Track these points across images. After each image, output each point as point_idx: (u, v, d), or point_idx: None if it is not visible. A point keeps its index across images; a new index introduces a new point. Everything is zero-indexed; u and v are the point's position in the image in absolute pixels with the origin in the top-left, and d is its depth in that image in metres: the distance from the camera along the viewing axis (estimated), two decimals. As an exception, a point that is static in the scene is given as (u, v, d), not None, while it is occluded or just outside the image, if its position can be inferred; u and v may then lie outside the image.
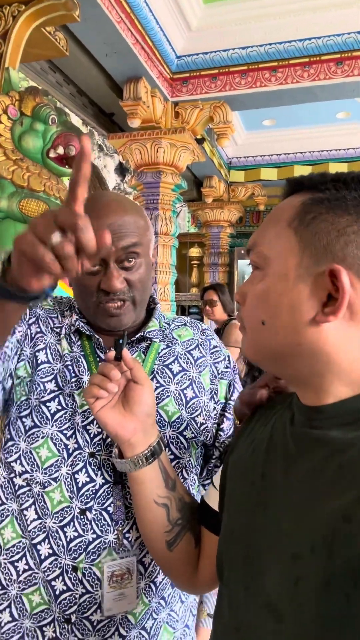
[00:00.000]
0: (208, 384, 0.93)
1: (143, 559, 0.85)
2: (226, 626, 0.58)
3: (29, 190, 1.97)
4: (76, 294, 0.90)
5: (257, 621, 0.52)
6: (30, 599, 0.84)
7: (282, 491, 0.56)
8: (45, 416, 0.86)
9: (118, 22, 2.71)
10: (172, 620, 0.90)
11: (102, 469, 0.84)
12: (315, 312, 0.54)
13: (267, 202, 6.05)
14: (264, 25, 3.28)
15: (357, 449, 0.50)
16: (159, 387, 0.89)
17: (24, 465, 0.86)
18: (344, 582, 0.43)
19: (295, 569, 0.48)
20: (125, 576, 0.82)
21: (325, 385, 0.56)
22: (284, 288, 0.56)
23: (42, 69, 3.04)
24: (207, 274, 6.30)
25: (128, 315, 0.87)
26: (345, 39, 3.16)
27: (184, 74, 3.58)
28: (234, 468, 0.69)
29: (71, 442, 0.85)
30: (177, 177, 3.84)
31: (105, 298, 0.85)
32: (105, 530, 0.82)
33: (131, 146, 3.69)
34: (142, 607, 0.85)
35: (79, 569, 0.81)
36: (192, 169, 5.20)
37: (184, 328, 0.98)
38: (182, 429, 0.88)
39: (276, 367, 0.62)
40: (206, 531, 0.77)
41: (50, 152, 2.01)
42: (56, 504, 0.83)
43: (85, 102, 3.58)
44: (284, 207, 0.59)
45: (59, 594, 0.82)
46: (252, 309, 0.60)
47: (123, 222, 0.84)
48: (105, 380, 0.72)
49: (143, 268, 0.88)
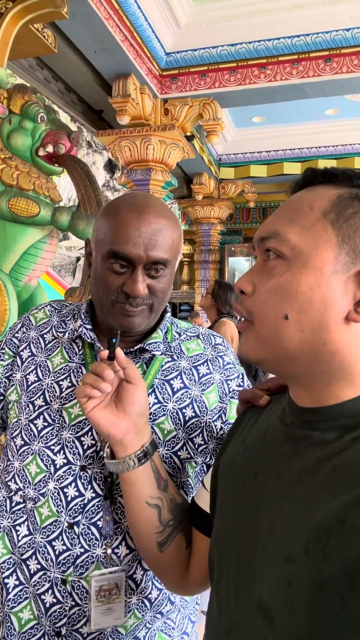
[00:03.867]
0: (214, 403, 0.89)
1: (134, 575, 0.83)
2: (217, 627, 0.58)
3: (18, 189, 1.96)
4: (94, 289, 0.87)
5: (249, 623, 0.51)
6: (19, 617, 0.84)
7: (275, 492, 0.55)
8: (33, 433, 0.86)
9: (106, 19, 2.70)
10: (167, 627, 0.89)
11: (92, 482, 0.83)
12: (348, 311, 0.52)
13: (257, 199, 6.06)
14: (252, 22, 3.28)
15: (352, 451, 0.49)
16: (156, 403, 0.86)
17: (18, 483, 0.86)
18: (338, 584, 0.43)
19: (288, 571, 0.48)
20: (113, 591, 0.81)
21: (332, 386, 0.55)
22: (318, 282, 0.52)
23: (30, 65, 3.02)
24: (198, 271, 6.31)
25: (142, 318, 0.85)
26: (334, 36, 3.18)
27: (173, 71, 3.57)
28: (226, 468, 0.68)
29: (59, 457, 0.84)
30: (167, 174, 3.84)
31: (125, 300, 0.83)
32: (93, 544, 0.81)
33: (120, 143, 3.68)
34: (134, 620, 0.84)
35: (68, 582, 0.81)
36: (182, 166, 5.20)
37: (194, 341, 0.94)
38: (177, 448, 0.86)
39: (284, 368, 0.58)
40: (197, 532, 0.76)
41: (40, 151, 2.00)
42: (44, 519, 0.83)
43: (74, 98, 3.56)
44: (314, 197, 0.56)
45: (49, 607, 0.81)
46: (271, 302, 0.55)
47: (161, 231, 0.82)
48: (98, 380, 0.71)
49: (167, 278, 0.86)
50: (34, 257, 2.12)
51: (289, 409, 0.61)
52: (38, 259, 2.14)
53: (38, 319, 0.97)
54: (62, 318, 0.96)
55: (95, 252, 0.86)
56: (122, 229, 0.80)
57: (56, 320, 0.95)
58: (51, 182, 2.13)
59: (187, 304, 6.65)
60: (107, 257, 0.82)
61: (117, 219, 0.82)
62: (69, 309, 0.98)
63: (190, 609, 0.95)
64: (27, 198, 1.97)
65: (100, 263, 0.83)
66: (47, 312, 0.98)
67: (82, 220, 2.04)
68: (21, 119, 1.98)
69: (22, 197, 1.96)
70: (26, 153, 2.01)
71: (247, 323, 0.58)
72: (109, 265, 0.82)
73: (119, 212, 0.83)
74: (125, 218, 0.81)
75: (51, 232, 2.17)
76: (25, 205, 1.95)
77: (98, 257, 0.84)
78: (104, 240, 0.82)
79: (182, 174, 5.46)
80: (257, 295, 0.57)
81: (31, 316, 0.98)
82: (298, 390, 0.59)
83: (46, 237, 2.14)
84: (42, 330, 0.95)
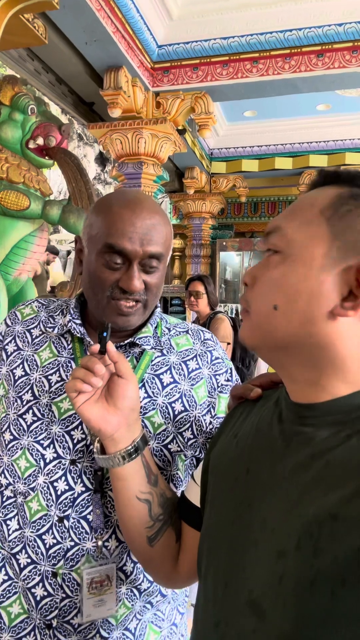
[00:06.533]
0: (203, 397, 0.90)
1: (124, 567, 0.84)
2: (205, 622, 0.58)
3: (7, 181, 1.94)
4: (87, 286, 0.87)
5: (238, 617, 0.52)
6: (8, 611, 0.84)
7: (267, 487, 0.55)
8: (22, 428, 0.86)
9: (98, 10, 2.67)
10: (157, 619, 0.89)
11: (82, 476, 0.83)
12: (334, 305, 0.53)
13: (249, 194, 6.06)
14: (245, 15, 3.26)
15: (345, 447, 0.50)
16: (146, 398, 0.86)
17: (7, 478, 0.86)
18: (330, 579, 0.43)
19: (280, 566, 0.48)
20: (104, 582, 0.81)
21: (323, 381, 0.55)
22: (306, 275, 0.54)
23: (21, 56, 2.98)
24: (189, 265, 6.30)
25: (137, 317, 0.86)
26: (326, 30, 3.17)
27: (165, 64, 3.54)
28: (217, 463, 0.68)
29: (49, 451, 0.84)
30: (159, 168, 3.82)
31: (120, 296, 0.83)
32: (83, 538, 0.82)
33: (112, 136, 3.65)
34: (124, 610, 0.84)
35: (59, 574, 0.81)
36: (174, 160, 5.17)
37: (183, 336, 0.95)
38: (167, 441, 0.86)
39: (277, 355, 0.60)
40: (186, 526, 0.77)
41: (30, 143, 1.98)
42: (34, 513, 0.83)
43: (65, 90, 3.52)
44: (318, 196, 0.58)
45: (39, 600, 0.81)
46: (264, 293, 0.58)
47: (155, 226, 0.83)
48: (88, 374, 0.70)
49: (161, 273, 0.87)
50: (24, 250, 2.11)
51: (285, 405, 0.61)
52: (28, 252, 2.13)
53: (25, 314, 0.97)
54: (50, 313, 0.95)
55: (88, 249, 0.86)
56: (117, 224, 0.81)
57: (44, 315, 0.95)
58: (41, 175, 2.11)
59: (179, 299, 6.64)
60: (103, 251, 0.82)
61: (111, 214, 0.82)
62: (56, 304, 0.98)
63: (180, 600, 0.96)
64: (17, 191, 1.95)
65: (95, 259, 0.83)
66: (34, 308, 0.97)
67: (73, 213, 2.03)
68: (11, 111, 1.96)
69: (12, 190, 1.94)
70: (16, 145, 1.99)
71: (245, 312, 0.61)
72: (104, 261, 0.82)
73: (112, 208, 0.83)
74: (120, 213, 0.81)
75: (42, 226, 2.15)
76: (15, 199, 1.93)
77: (92, 253, 0.84)
78: (98, 235, 0.82)
79: (173, 168, 5.44)
80: (256, 288, 0.60)
81: (17, 311, 0.98)
82: (292, 385, 0.60)
83: (36, 230, 2.13)
84: (28, 325, 0.94)
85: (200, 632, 0.59)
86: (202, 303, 3.60)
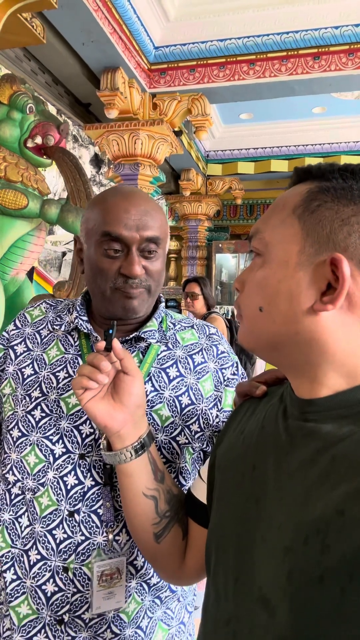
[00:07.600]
0: (209, 391, 0.90)
1: (134, 562, 0.84)
2: (215, 618, 0.57)
3: (5, 180, 1.93)
4: (90, 280, 0.88)
5: (249, 614, 0.51)
6: (17, 611, 0.84)
7: (273, 484, 0.55)
8: (30, 424, 0.86)
9: (95, 11, 2.67)
10: (167, 617, 0.90)
11: (92, 470, 0.83)
12: (314, 301, 0.53)
13: (245, 196, 6.07)
14: (242, 17, 3.27)
15: (350, 441, 0.49)
16: (153, 391, 0.87)
17: (16, 475, 0.86)
18: (338, 575, 0.43)
19: (288, 562, 0.48)
20: (114, 575, 0.81)
21: (320, 376, 0.56)
22: (284, 275, 0.55)
23: (17, 56, 2.97)
24: (185, 267, 6.30)
25: (141, 301, 0.86)
26: (322, 33, 3.19)
27: (162, 65, 3.55)
28: (223, 459, 0.68)
29: (58, 446, 0.84)
30: (155, 169, 3.82)
31: (124, 284, 0.84)
32: (94, 532, 0.82)
33: (108, 137, 3.65)
34: (135, 605, 0.84)
35: (70, 569, 0.81)
36: (170, 162, 5.18)
37: (189, 331, 0.96)
38: (175, 434, 0.87)
39: (272, 355, 0.61)
40: (193, 523, 0.77)
41: (28, 142, 1.97)
42: (44, 508, 0.83)
43: (61, 91, 3.51)
44: (290, 195, 0.58)
45: (50, 596, 0.81)
46: (250, 296, 0.59)
47: (149, 212, 0.84)
48: (94, 371, 0.71)
49: (161, 260, 0.89)
50: (22, 250, 2.10)
51: (289, 400, 0.61)
52: (26, 252, 2.11)
53: (34, 316, 0.98)
54: (58, 313, 0.97)
55: (87, 244, 0.87)
56: (113, 212, 0.83)
57: (52, 315, 0.97)
58: (40, 174, 2.10)
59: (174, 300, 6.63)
60: (101, 241, 0.83)
61: (106, 204, 0.84)
62: (63, 304, 1.00)
63: (189, 599, 0.96)
64: (15, 190, 1.94)
65: (94, 251, 0.85)
66: (42, 309, 0.99)
67: (72, 213, 2.02)
68: (9, 110, 1.95)
69: (10, 188, 1.93)
70: (14, 144, 1.98)
71: (240, 317, 0.63)
72: (102, 250, 0.83)
73: (107, 199, 0.86)
74: (114, 203, 0.84)
75: (39, 225, 2.14)
76: (13, 197, 1.92)
77: (91, 246, 0.86)
78: (95, 226, 0.84)
79: (169, 170, 5.44)
80: (244, 292, 0.61)
81: (27, 313, 1.00)
82: (294, 380, 0.60)
83: (34, 229, 2.12)
84: (38, 327, 0.96)
85: (211, 630, 0.58)
86: (199, 304, 3.65)
